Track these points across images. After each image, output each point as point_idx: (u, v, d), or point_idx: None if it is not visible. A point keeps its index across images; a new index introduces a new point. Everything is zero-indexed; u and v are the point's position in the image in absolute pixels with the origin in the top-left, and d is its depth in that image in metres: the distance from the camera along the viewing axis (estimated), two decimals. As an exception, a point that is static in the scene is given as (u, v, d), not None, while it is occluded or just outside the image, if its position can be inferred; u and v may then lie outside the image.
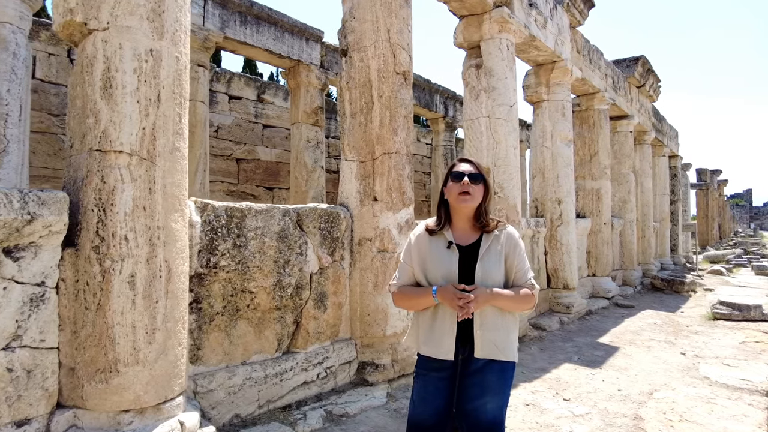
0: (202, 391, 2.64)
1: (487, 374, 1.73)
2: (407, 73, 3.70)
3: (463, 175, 1.76)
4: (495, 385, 1.73)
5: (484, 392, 1.72)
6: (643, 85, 9.86)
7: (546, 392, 3.70)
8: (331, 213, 3.36)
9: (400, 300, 1.85)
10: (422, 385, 1.80)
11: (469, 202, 1.75)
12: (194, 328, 2.68)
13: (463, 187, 1.74)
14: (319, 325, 3.30)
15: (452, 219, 1.83)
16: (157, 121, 2.24)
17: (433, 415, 1.75)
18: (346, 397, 3.25)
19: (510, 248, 1.80)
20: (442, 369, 1.76)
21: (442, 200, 1.84)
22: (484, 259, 1.76)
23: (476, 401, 1.71)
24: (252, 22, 6.37)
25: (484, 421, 1.70)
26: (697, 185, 23.40)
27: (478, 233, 1.81)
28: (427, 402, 1.77)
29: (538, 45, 5.94)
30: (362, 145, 3.58)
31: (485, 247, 1.77)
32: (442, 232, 1.81)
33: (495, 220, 1.83)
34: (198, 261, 2.64)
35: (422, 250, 1.81)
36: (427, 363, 1.80)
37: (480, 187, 1.77)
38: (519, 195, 5.22)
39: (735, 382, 3.99)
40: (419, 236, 1.85)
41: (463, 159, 1.86)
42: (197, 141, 5.68)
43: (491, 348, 1.73)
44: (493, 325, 1.74)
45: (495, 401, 1.72)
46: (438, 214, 1.85)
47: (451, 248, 1.77)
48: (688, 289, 9.08)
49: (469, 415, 1.71)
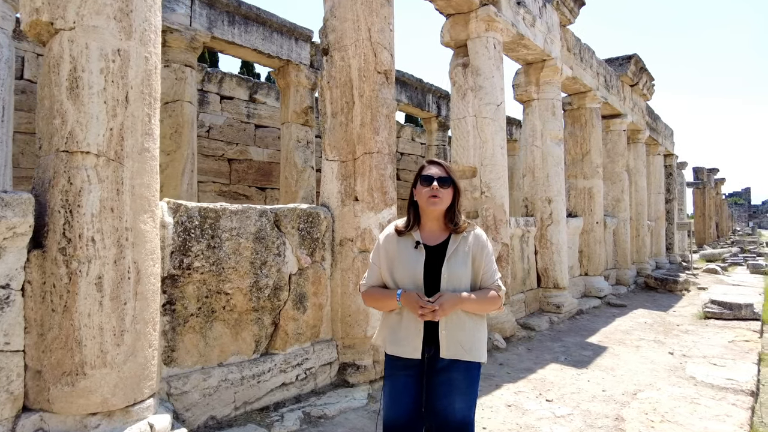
0: (175, 393, 2.62)
1: (453, 373, 1.75)
2: (389, 72, 3.68)
3: (432, 179, 1.77)
4: (462, 384, 1.74)
5: (451, 391, 1.73)
6: (636, 83, 9.84)
7: (529, 393, 3.68)
8: (311, 213, 3.34)
9: (368, 300, 1.88)
10: (392, 385, 1.81)
11: (438, 205, 1.77)
12: (168, 329, 2.66)
13: (432, 191, 1.76)
14: (298, 326, 3.28)
15: (421, 220, 1.84)
16: (125, 122, 2.22)
17: (405, 415, 1.77)
18: (325, 398, 3.24)
19: (477, 250, 1.81)
20: (409, 368, 1.77)
21: (412, 201, 1.85)
22: (451, 260, 1.77)
23: (444, 400, 1.73)
24: (240, 21, 6.34)
25: (453, 422, 1.72)
26: (693, 184, 23.39)
27: (447, 234, 1.82)
28: (397, 402, 1.78)
29: (527, 44, 5.92)
30: (343, 145, 3.56)
31: (453, 248, 1.78)
32: (410, 233, 1.82)
33: (465, 222, 1.84)
34: (171, 262, 2.62)
35: (390, 250, 1.82)
36: (394, 362, 1.81)
37: (449, 190, 1.79)
38: (506, 194, 5.20)
39: (720, 381, 3.97)
40: (388, 237, 1.86)
41: (432, 161, 1.86)
42: (184, 141, 5.66)
43: (457, 348, 1.74)
44: (459, 325, 1.75)
45: (463, 401, 1.74)
46: (407, 215, 1.86)
47: (418, 248, 1.78)
48: (681, 288, 9.07)
49: (438, 414, 1.73)
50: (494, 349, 4.76)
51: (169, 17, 5.60)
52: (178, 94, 5.67)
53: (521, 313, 6.11)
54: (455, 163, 5.26)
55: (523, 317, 6.05)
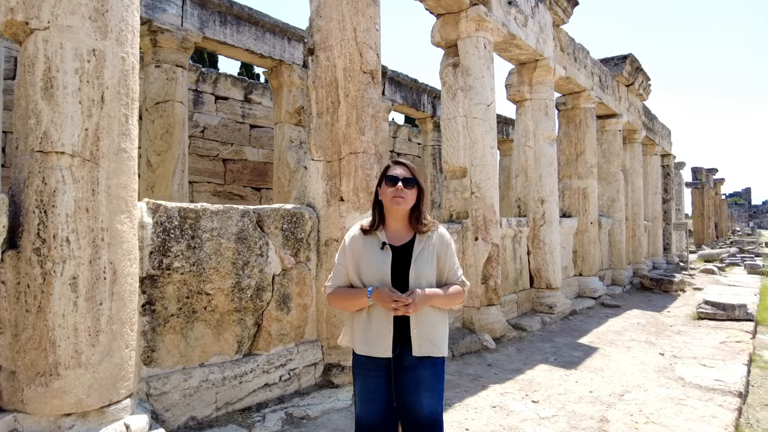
0: (155, 394, 2.61)
1: (421, 370, 1.78)
2: (375, 72, 3.68)
3: (397, 179, 1.79)
4: (429, 380, 1.79)
5: (419, 387, 1.77)
6: (632, 83, 9.82)
7: (516, 394, 3.67)
8: (295, 213, 3.33)
9: (336, 301, 1.87)
10: (363, 385, 1.83)
11: (402, 204, 1.79)
12: (147, 330, 2.65)
13: (396, 192, 1.78)
14: (282, 327, 3.27)
15: (386, 220, 1.85)
16: (101, 122, 2.22)
17: (378, 415, 1.79)
18: (309, 399, 3.23)
19: (442, 249, 1.85)
20: (379, 367, 1.79)
21: (377, 201, 1.86)
22: (418, 260, 1.80)
23: (413, 395, 1.77)
24: (232, 22, 6.34)
25: (422, 417, 1.76)
26: (692, 184, 23.34)
27: (412, 233, 1.85)
28: (370, 402, 1.80)
29: (519, 43, 5.91)
30: (328, 145, 3.56)
31: (419, 248, 1.81)
32: (375, 233, 1.84)
33: (430, 222, 1.86)
34: (150, 263, 2.62)
35: (356, 250, 1.83)
36: (364, 362, 1.82)
37: (413, 191, 1.81)
38: (496, 195, 5.19)
39: (709, 382, 3.95)
40: (354, 237, 1.86)
41: (397, 162, 1.87)
42: (175, 141, 5.66)
43: (428, 346, 1.79)
44: (428, 323, 1.79)
45: (430, 396, 1.78)
46: (372, 214, 1.87)
47: (384, 249, 1.80)
48: (677, 288, 9.05)
49: (408, 410, 1.77)
50: (483, 350, 4.75)
51: (160, 17, 5.60)
52: (170, 95, 5.66)
53: (513, 313, 6.10)
54: (446, 164, 5.25)
55: (514, 317, 6.04)
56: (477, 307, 5.04)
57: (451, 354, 4.49)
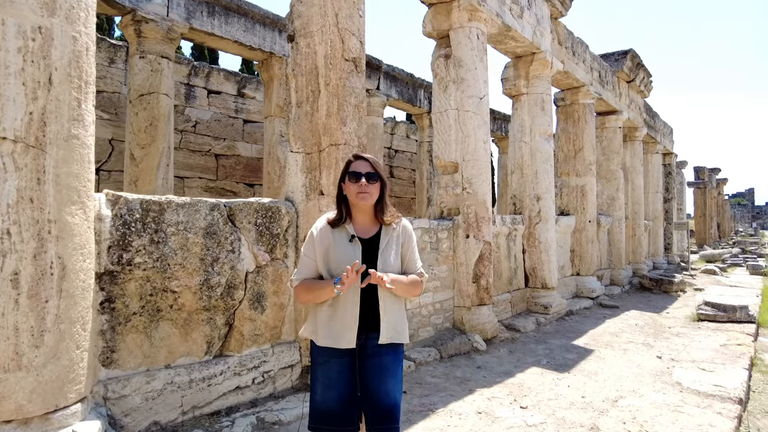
0: (113, 397, 2.45)
1: (384, 356, 1.83)
2: (357, 59, 3.50)
3: (360, 175, 1.82)
4: (392, 366, 1.84)
5: (382, 374, 1.81)
6: (633, 80, 9.62)
7: (504, 399, 3.50)
8: (270, 208, 3.16)
9: (302, 293, 1.84)
10: (325, 372, 1.83)
11: (368, 200, 1.83)
12: (107, 329, 2.49)
13: (360, 188, 1.81)
14: (256, 327, 3.10)
15: (352, 213, 1.88)
16: (48, 106, 2.05)
17: (339, 401, 1.80)
18: (283, 403, 3.06)
19: (405, 240, 1.91)
20: (342, 355, 1.81)
21: (341, 195, 1.88)
22: (385, 253, 1.84)
23: (376, 381, 1.80)
24: (220, 12, 6.17)
25: (386, 403, 1.80)
26: (694, 184, 23.09)
27: (378, 226, 1.89)
28: (331, 388, 1.81)
29: (515, 35, 5.73)
30: (308, 136, 3.39)
31: (385, 241, 1.86)
32: (344, 226, 1.86)
33: (394, 214, 1.90)
34: (108, 257, 2.45)
35: (325, 243, 1.84)
36: (325, 351, 1.83)
37: (377, 185, 1.85)
38: (489, 191, 5.01)
39: (707, 388, 3.77)
40: (322, 229, 1.87)
41: (359, 156, 1.88)
42: (160, 134, 5.49)
43: (393, 333, 1.84)
44: (392, 311, 1.85)
45: (393, 383, 1.83)
46: (338, 208, 1.89)
47: (353, 241, 1.83)
48: (677, 288, 8.86)
49: (371, 397, 1.80)
50: (473, 351, 4.58)
51: (144, 7, 5.43)
52: (154, 86, 5.50)
53: (507, 313, 5.92)
54: (437, 159, 5.08)
55: (508, 318, 5.86)
56: (468, 306, 4.86)
57: (439, 355, 4.32)
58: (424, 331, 4.56)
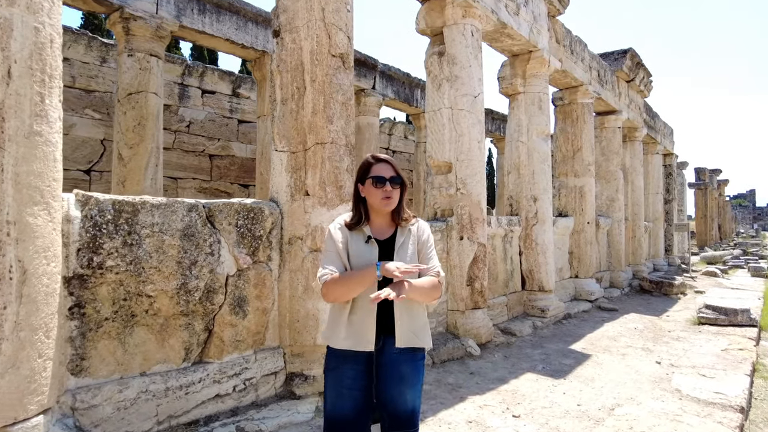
0: (82, 407, 2.34)
1: (403, 364, 1.78)
2: (345, 55, 3.39)
3: (384, 180, 1.78)
4: (411, 374, 1.78)
5: (401, 381, 1.76)
6: (632, 79, 9.50)
7: (496, 407, 3.38)
8: (252, 209, 3.05)
9: (336, 287, 1.72)
10: (336, 379, 1.78)
11: (392, 205, 1.81)
12: (76, 335, 2.37)
13: (386, 193, 1.78)
14: (237, 332, 2.99)
15: (370, 216, 1.85)
16: (6, 101, 1.93)
17: (353, 409, 1.74)
18: (265, 411, 2.94)
19: (421, 241, 1.88)
20: (358, 361, 1.76)
21: (359, 197, 1.85)
22: (400, 253, 1.81)
23: (394, 390, 1.76)
24: (212, 10, 6.06)
25: (403, 411, 1.75)
26: (695, 185, 22.92)
27: (394, 227, 1.87)
28: (344, 397, 1.76)
29: (511, 33, 5.61)
30: (293, 134, 3.27)
31: (400, 242, 1.83)
32: (360, 228, 1.83)
33: (411, 215, 1.88)
34: (78, 261, 2.34)
35: (343, 242, 1.81)
36: (341, 357, 1.78)
37: (398, 189, 1.82)
38: (483, 191, 4.89)
39: (708, 395, 3.65)
40: (341, 228, 1.84)
41: (379, 158, 1.84)
42: (148, 134, 5.38)
43: (410, 336, 1.78)
44: (409, 314, 1.79)
45: (412, 391, 1.78)
46: (356, 210, 1.85)
47: (370, 242, 1.81)
48: (677, 291, 8.73)
49: (387, 404, 1.75)
50: (467, 357, 4.46)
51: (132, 4, 5.33)
52: (143, 85, 5.39)
53: (503, 317, 5.80)
54: (430, 158, 4.96)
55: (504, 321, 5.74)
56: (462, 310, 4.74)
57: (431, 361, 4.20)
58: (417, 335, 4.43)
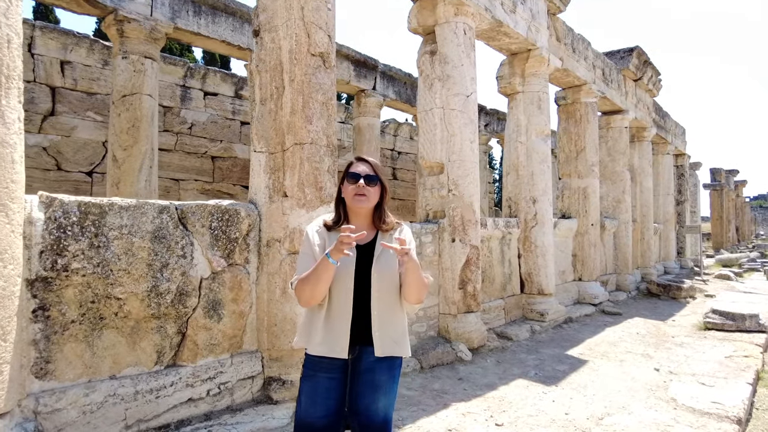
0: (44, 411, 2.31)
1: (378, 372, 1.74)
2: (325, 54, 3.33)
3: (359, 176, 1.75)
4: (386, 383, 1.75)
5: (375, 390, 1.73)
6: (640, 78, 9.29)
7: (480, 414, 3.28)
8: (227, 210, 3.00)
9: (302, 287, 1.66)
10: (311, 386, 1.75)
11: (365, 203, 1.75)
12: (40, 338, 2.35)
13: (358, 189, 1.74)
14: (212, 336, 2.94)
15: (349, 217, 1.81)
16: (-40, 101, 1.92)
17: (324, 417, 1.72)
18: (240, 416, 2.89)
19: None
20: (333, 369, 1.73)
21: (340, 198, 1.81)
22: (381, 260, 1.75)
23: (368, 398, 1.72)
24: (207, 12, 6.06)
25: (376, 420, 1.72)
26: (710, 185, 22.40)
27: (375, 232, 1.81)
28: (317, 404, 1.73)
29: (507, 31, 5.51)
30: (272, 135, 3.23)
31: (380, 248, 1.75)
32: (339, 230, 1.73)
33: (393, 220, 1.82)
34: (41, 263, 2.31)
35: (321, 245, 1.76)
36: (317, 363, 1.75)
37: (376, 189, 1.77)
38: (477, 192, 4.79)
39: (704, 405, 3.51)
40: (319, 231, 1.80)
41: (361, 158, 1.82)
42: (142, 136, 5.39)
43: (391, 345, 1.74)
44: (389, 322, 1.75)
45: (385, 399, 1.74)
46: (336, 210, 1.82)
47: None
48: (686, 295, 8.50)
49: (361, 413, 1.72)
50: (457, 362, 4.36)
51: (126, 6, 5.35)
52: (137, 87, 5.40)
53: (500, 320, 5.69)
54: (422, 159, 4.88)
55: (501, 325, 5.62)
56: (453, 314, 4.65)
57: (419, 366, 4.12)
58: (406, 339, 4.35)
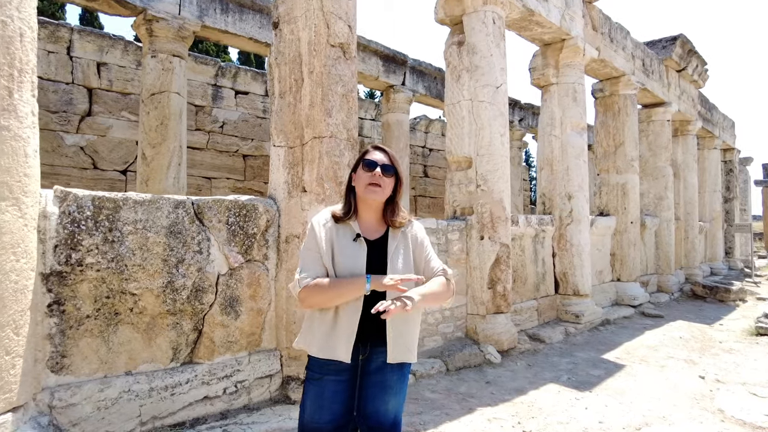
0: (60, 406, 2.30)
1: (388, 374, 1.66)
2: (346, 45, 3.23)
3: (375, 164, 1.63)
4: (396, 385, 1.67)
5: (385, 392, 1.66)
6: (684, 68, 8.79)
7: (506, 421, 3.11)
8: (244, 206, 2.94)
9: (315, 294, 1.57)
10: (318, 390, 1.66)
11: (378, 194, 1.64)
12: (55, 332, 2.34)
13: (373, 178, 1.62)
14: (229, 333, 2.89)
15: (358, 209, 1.69)
16: (-28, 94, 1.92)
17: (330, 422, 1.63)
18: (256, 416, 2.83)
19: (416, 244, 1.72)
20: (340, 372, 1.64)
21: (350, 187, 1.70)
22: (394, 259, 1.65)
23: (377, 401, 1.66)
24: (234, 9, 6.08)
25: (386, 422, 1.66)
26: (763, 182, 21.08)
27: (385, 227, 1.70)
28: (323, 408, 1.64)
29: (540, 20, 5.27)
30: (291, 129, 3.15)
31: (393, 246, 1.67)
32: (348, 222, 1.67)
33: (406, 216, 1.72)
34: (55, 257, 2.30)
35: (329, 238, 1.64)
36: (323, 366, 1.65)
37: (391, 180, 1.66)
38: (507, 188, 4.59)
39: (757, 418, 3.22)
40: (326, 224, 1.67)
41: (377, 147, 1.71)
42: (171, 134, 5.45)
43: (404, 352, 1.66)
44: (405, 327, 1.66)
45: (395, 400, 1.68)
46: (346, 201, 1.70)
47: (358, 241, 1.65)
48: (735, 297, 7.98)
49: (370, 416, 1.65)
50: (486, 364, 4.19)
51: (155, 6, 5.41)
52: (165, 85, 5.47)
53: (532, 322, 5.46)
54: (449, 154, 4.72)
55: (533, 327, 5.39)
56: (482, 315, 4.47)
57: (445, 368, 3.97)
58: (431, 340, 4.21)
